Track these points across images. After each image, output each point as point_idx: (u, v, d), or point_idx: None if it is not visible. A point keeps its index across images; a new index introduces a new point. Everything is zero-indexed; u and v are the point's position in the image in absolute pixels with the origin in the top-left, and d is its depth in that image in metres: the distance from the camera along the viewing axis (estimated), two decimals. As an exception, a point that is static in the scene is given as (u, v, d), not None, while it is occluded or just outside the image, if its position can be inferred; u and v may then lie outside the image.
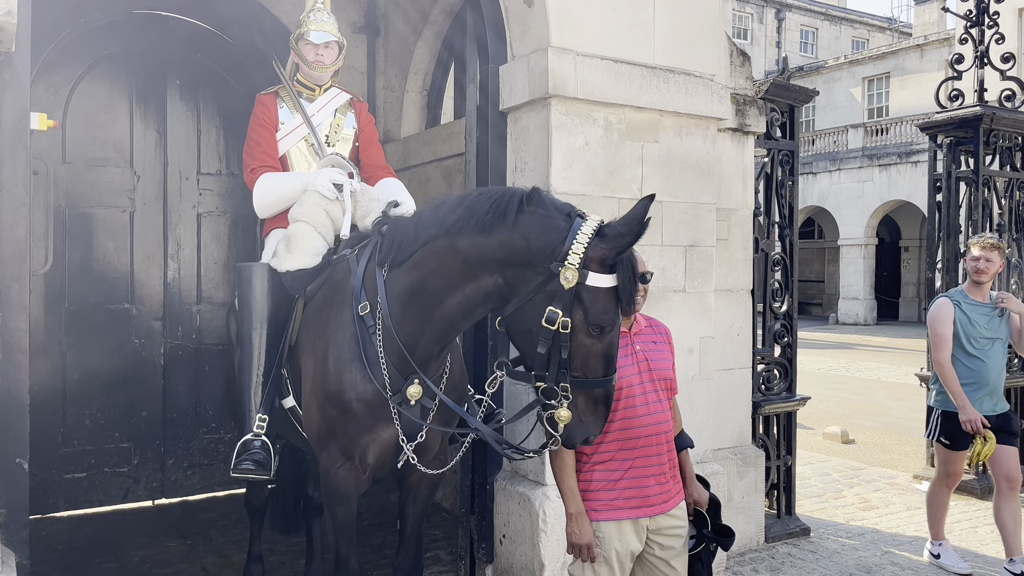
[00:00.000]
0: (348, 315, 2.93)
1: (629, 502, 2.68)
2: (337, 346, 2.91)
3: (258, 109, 3.66)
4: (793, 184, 5.28)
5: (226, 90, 6.13)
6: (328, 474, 2.95)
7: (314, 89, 3.77)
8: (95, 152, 5.69)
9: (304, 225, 3.24)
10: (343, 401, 2.87)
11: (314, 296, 3.21)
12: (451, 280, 2.67)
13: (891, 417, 10.04)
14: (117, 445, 5.80)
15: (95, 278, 5.68)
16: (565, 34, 4.01)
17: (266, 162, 3.56)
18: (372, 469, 2.94)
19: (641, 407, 2.71)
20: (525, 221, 2.51)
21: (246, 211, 6.21)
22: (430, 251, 2.72)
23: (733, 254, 4.93)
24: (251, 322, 3.21)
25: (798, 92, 5.25)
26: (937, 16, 32.81)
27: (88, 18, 5.62)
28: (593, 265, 2.40)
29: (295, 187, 3.42)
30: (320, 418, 2.95)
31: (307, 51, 3.69)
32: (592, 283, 2.39)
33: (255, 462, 3.11)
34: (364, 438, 2.89)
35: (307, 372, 3.05)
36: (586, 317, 2.40)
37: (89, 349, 5.63)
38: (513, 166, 4.28)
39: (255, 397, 3.20)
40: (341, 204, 3.34)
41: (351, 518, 2.98)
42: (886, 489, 6.51)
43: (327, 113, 3.74)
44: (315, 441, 3.04)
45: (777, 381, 5.29)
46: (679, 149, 4.41)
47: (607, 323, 2.42)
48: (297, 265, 3.19)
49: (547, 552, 3.95)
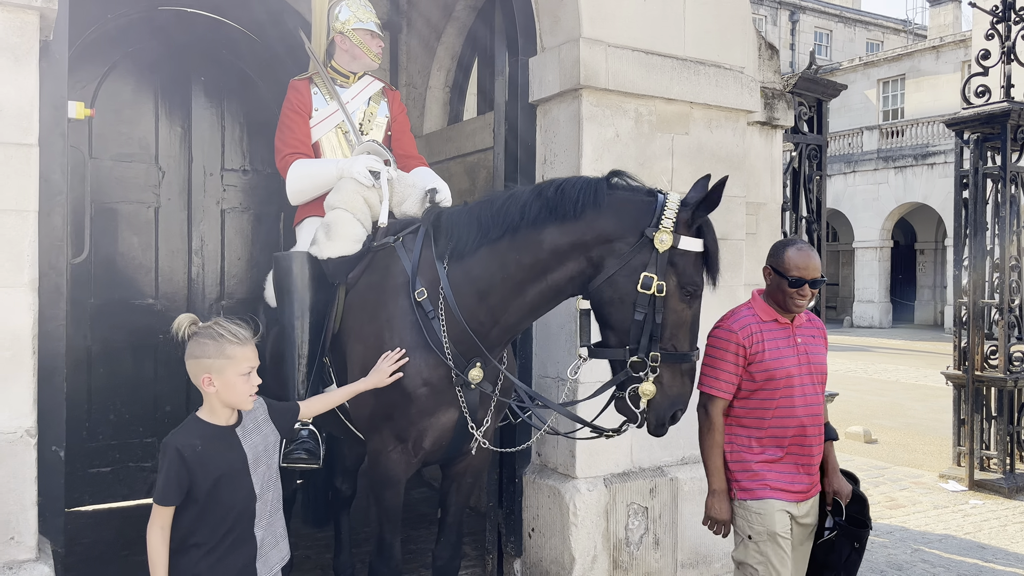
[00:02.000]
0: (404, 302, 2.93)
1: (788, 485, 2.82)
2: (396, 332, 2.91)
3: (292, 94, 3.64)
4: (821, 178, 5.24)
5: (250, 87, 6.14)
6: (379, 457, 2.95)
7: (348, 76, 3.75)
8: (121, 148, 5.70)
9: (343, 212, 3.22)
10: (405, 386, 2.86)
11: (356, 283, 3.20)
12: (535, 270, 2.74)
13: (913, 418, 9.96)
14: (141, 440, 5.81)
15: (120, 273, 5.70)
16: (596, 25, 4.00)
17: (298, 148, 3.54)
18: (425, 453, 2.94)
19: (799, 397, 2.84)
20: (612, 201, 2.69)
21: (269, 207, 6.24)
22: (510, 244, 2.77)
23: (762, 248, 4.88)
24: (293, 311, 3.19)
25: (826, 86, 5.22)
26: (952, 18, 32.66)
27: (115, 14, 5.64)
28: (682, 229, 2.58)
29: (330, 174, 3.40)
30: (375, 402, 2.94)
31: (368, 40, 3.68)
32: (684, 247, 2.57)
33: (306, 451, 3.11)
34: (423, 422, 2.89)
35: (355, 358, 3.03)
36: (679, 281, 2.57)
37: (114, 344, 5.65)
38: (542, 158, 4.27)
39: (300, 386, 3.19)
40: (378, 191, 3.32)
41: (398, 503, 2.97)
42: (912, 488, 6.45)
43: (361, 101, 3.72)
44: (365, 425, 3.04)
45: (804, 377, 5.24)
46: (709, 141, 4.38)
47: (698, 287, 2.59)
48: (339, 252, 3.18)
49: (578, 545, 3.92)
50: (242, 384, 2.33)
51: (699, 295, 2.62)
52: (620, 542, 4.06)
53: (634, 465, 4.17)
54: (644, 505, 4.14)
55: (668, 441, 4.26)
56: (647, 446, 4.20)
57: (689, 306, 2.60)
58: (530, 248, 2.73)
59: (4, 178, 2.73)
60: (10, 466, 2.76)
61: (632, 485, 4.10)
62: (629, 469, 4.15)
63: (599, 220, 2.64)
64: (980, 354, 6.40)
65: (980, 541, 5.10)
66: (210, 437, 2.35)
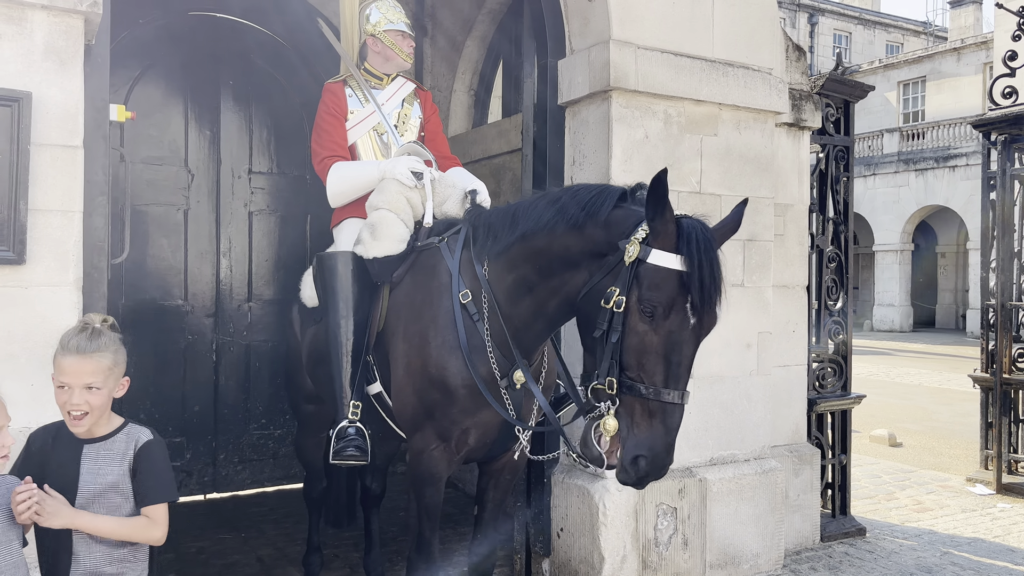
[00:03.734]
0: (448, 303, 2.95)
1: None
2: (440, 332, 2.94)
3: (327, 97, 3.67)
4: (848, 180, 5.23)
5: (277, 90, 6.21)
6: (421, 455, 2.98)
7: (382, 78, 3.79)
8: (151, 151, 5.78)
9: (387, 212, 3.26)
10: (448, 385, 2.90)
11: (400, 282, 3.24)
12: (550, 279, 2.70)
13: (937, 421, 9.88)
14: (171, 439, 5.85)
15: (150, 274, 5.77)
16: (626, 27, 4.02)
17: (336, 151, 3.58)
18: (468, 451, 2.97)
19: None
20: (615, 216, 2.53)
21: (295, 209, 6.31)
22: (528, 249, 2.75)
23: (789, 250, 4.89)
24: (338, 310, 3.23)
25: (854, 87, 5.21)
26: (973, 19, 32.39)
27: (146, 19, 5.72)
28: (658, 242, 2.33)
29: (372, 175, 3.44)
30: (417, 401, 2.98)
31: (400, 41, 3.71)
32: (654, 260, 2.31)
33: (357, 448, 3.15)
34: (465, 421, 2.92)
35: (399, 356, 3.08)
36: (640, 295, 2.31)
37: (144, 344, 5.71)
38: (571, 160, 4.29)
39: (346, 384, 3.23)
40: (420, 192, 3.36)
41: (438, 500, 3.01)
42: (939, 492, 6.40)
43: (395, 103, 3.75)
44: (407, 423, 3.08)
45: (832, 379, 5.23)
46: (737, 143, 4.39)
47: (662, 307, 2.28)
48: (384, 252, 3.21)
49: (607, 545, 3.94)
50: (58, 395, 2.18)
51: (668, 318, 2.29)
52: (649, 542, 4.07)
53: (663, 465, 4.17)
54: (673, 505, 4.15)
55: (697, 441, 4.28)
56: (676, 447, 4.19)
57: (653, 329, 2.29)
58: (546, 254, 2.70)
59: (51, 179, 2.79)
60: (55, 461, 2.80)
61: (661, 486, 4.11)
62: (658, 469, 4.15)
63: (596, 231, 2.52)
64: (1008, 357, 6.36)
65: (1009, 544, 5.07)
66: (63, 440, 2.24)
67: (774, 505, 4.47)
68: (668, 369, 2.31)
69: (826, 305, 5.18)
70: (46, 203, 2.78)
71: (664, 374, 2.31)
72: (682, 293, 2.29)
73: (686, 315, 2.30)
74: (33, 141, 2.73)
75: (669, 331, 2.30)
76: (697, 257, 2.30)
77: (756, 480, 4.40)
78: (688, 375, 2.39)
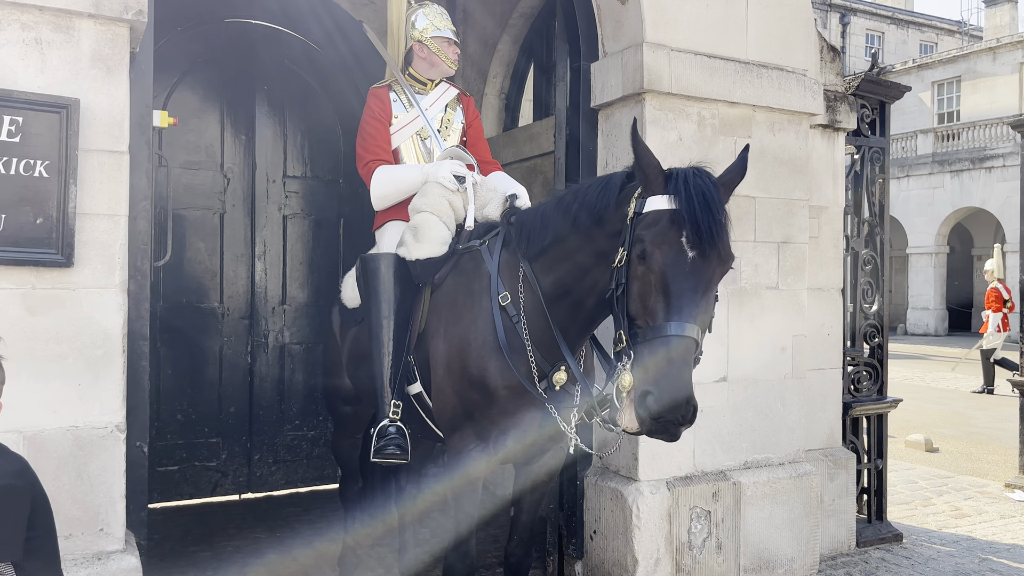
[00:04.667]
0: (488, 304, 2.99)
1: None
2: (480, 333, 2.97)
3: (372, 102, 3.72)
4: (884, 181, 5.18)
5: (311, 96, 6.29)
6: (459, 455, 3.01)
7: (426, 84, 3.83)
8: (188, 156, 5.88)
9: (430, 215, 3.30)
10: (488, 386, 2.92)
11: (442, 284, 3.27)
12: (585, 277, 2.71)
13: (974, 427, 9.72)
14: (207, 440, 5.96)
15: (187, 277, 5.87)
16: (659, 30, 4.02)
17: (379, 155, 3.62)
18: (506, 452, 2.98)
19: None
20: (622, 197, 2.56)
21: (329, 213, 6.38)
22: (559, 252, 2.78)
23: (824, 252, 4.86)
24: (380, 311, 3.28)
25: (889, 87, 5.16)
26: (1009, 18, 31.82)
27: (184, 26, 5.83)
28: (648, 190, 2.38)
29: (415, 179, 3.48)
30: (457, 401, 3.01)
31: (446, 48, 3.76)
32: (648, 207, 2.36)
33: (398, 447, 3.19)
34: (505, 422, 2.95)
35: (439, 357, 3.11)
36: (636, 242, 2.35)
37: (181, 346, 5.82)
38: (604, 163, 4.30)
39: (388, 383, 3.27)
40: (462, 195, 3.39)
41: (476, 500, 3.03)
42: (977, 497, 6.30)
43: (439, 108, 3.79)
44: (447, 423, 3.11)
45: (867, 382, 5.18)
46: (772, 145, 4.37)
47: (654, 245, 2.28)
48: (427, 254, 3.25)
49: (641, 548, 3.93)
50: None
51: (662, 254, 2.28)
52: (683, 545, 4.06)
53: (696, 469, 4.16)
54: (707, 509, 4.13)
55: (731, 444, 4.27)
56: (709, 450, 4.19)
57: (649, 268, 2.29)
58: (576, 255, 2.72)
59: (98, 184, 2.85)
60: (101, 460, 2.88)
61: (695, 489, 4.10)
62: (692, 473, 4.15)
63: (612, 220, 2.54)
64: (1049, 361, 6.24)
65: (1047, 549, 4.99)
66: None
67: (809, 509, 4.43)
68: (668, 304, 2.28)
69: (861, 308, 5.13)
70: (93, 207, 2.85)
71: (665, 309, 2.28)
72: (674, 228, 2.29)
73: (682, 248, 2.29)
74: (81, 147, 2.80)
75: (664, 267, 2.29)
76: (685, 191, 2.30)
77: (791, 484, 4.37)
78: (697, 310, 2.29)
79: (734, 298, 4.23)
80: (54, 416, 2.81)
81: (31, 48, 2.79)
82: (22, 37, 2.78)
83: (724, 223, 2.34)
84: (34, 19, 2.79)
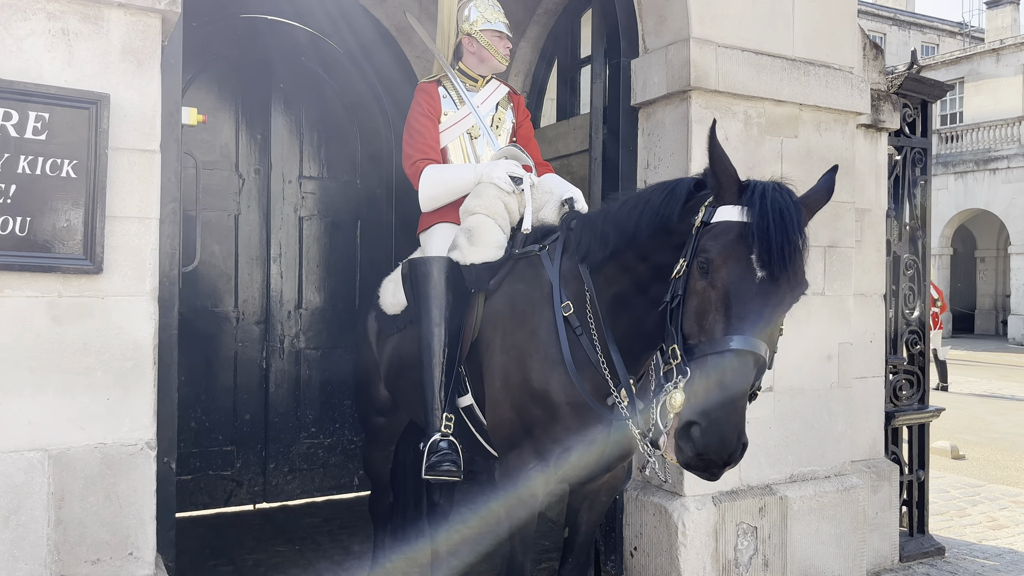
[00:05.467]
0: (549, 314, 2.80)
1: None
2: (542, 344, 2.78)
3: (421, 97, 3.52)
4: (926, 183, 5.02)
5: (328, 94, 6.11)
6: (518, 474, 2.81)
7: (476, 80, 3.63)
8: (204, 155, 5.68)
9: (484, 218, 3.10)
10: (552, 402, 2.74)
11: (497, 290, 3.08)
12: (647, 291, 2.51)
13: (996, 432, 9.57)
14: (221, 448, 5.78)
15: (202, 281, 5.68)
16: (706, 25, 3.86)
17: (428, 154, 3.42)
18: (566, 471, 2.80)
19: None
20: (690, 206, 2.36)
21: (346, 215, 6.20)
22: (623, 258, 2.60)
23: (866, 256, 4.69)
24: (431, 317, 3.07)
25: (932, 86, 5.00)
26: (1011, 20, 31.79)
27: (199, 22, 5.63)
28: (720, 200, 2.19)
29: (468, 179, 3.28)
30: (516, 416, 2.82)
31: (496, 42, 3.55)
32: (718, 217, 2.17)
33: (452, 463, 2.99)
34: (568, 440, 2.76)
35: (495, 369, 2.92)
36: (699, 253, 2.16)
37: (195, 351, 5.62)
38: (645, 163, 4.13)
39: (439, 395, 3.07)
40: (518, 197, 3.20)
41: (533, 523, 2.85)
42: (1012, 507, 6.15)
43: (489, 106, 3.59)
44: (503, 440, 2.92)
45: (908, 390, 5.02)
46: (818, 145, 4.21)
47: (719, 257, 2.09)
48: (482, 258, 3.06)
49: (686, 566, 3.76)
50: None
51: (728, 268, 2.08)
52: (729, 563, 3.89)
53: (742, 483, 3.99)
54: (753, 525, 3.96)
55: (777, 457, 4.10)
56: (755, 464, 4.02)
57: (710, 283, 2.09)
58: (637, 268, 2.55)
59: (128, 185, 2.68)
60: (131, 479, 2.70)
61: (741, 504, 3.93)
62: (737, 487, 3.98)
63: (679, 229, 2.36)
64: (1085, 367, 6.09)
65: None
66: None
67: (856, 524, 4.27)
68: (729, 321, 2.06)
69: (903, 314, 4.96)
70: (123, 210, 2.67)
71: (724, 326, 2.07)
72: (743, 243, 2.08)
73: (750, 265, 2.07)
74: (111, 145, 2.62)
75: (727, 284, 2.09)
76: (760, 205, 2.09)
77: (837, 498, 4.21)
78: (760, 331, 2.07)
79: (780, 304, 4.06)
80: (81, 433, 2.63)
81: (57, 39, 2.60)
82: (48, 27, 2.60)
83: (800, 245, 2.12)
84: (61, 8, 2.61)
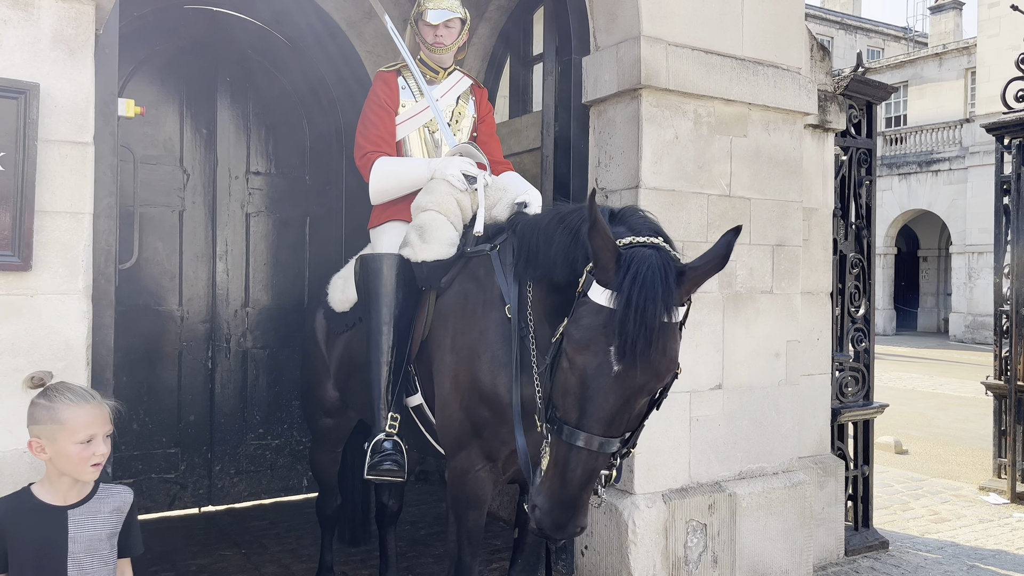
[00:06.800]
0: (499, 315, 2.75)
1: None
2: (489, 346, 2.74)
3: (379, 87, 3.42)
4: (871, 183, 5.10)
5: (276, 88, 5.98)
6: (465, 476, 2.77)
7: (437, 72, 3.56)
8: (145, 149, 5.52)
9: (437, 214, 3.04)
10: (500, 403, 2.69)
11: (448, 289, 3.02)
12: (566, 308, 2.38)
13: (938, 427, 9.83)
14: (164, 451, 5.62)
15: (144, 279, 5.52)
16: (656, 23, 3.86)
17: (380, 146, 3.34)
18: (515, 471, 2.76)
19: None
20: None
21: (294, 212, 6.08)
22: (545, 281, 2.52)
23: (814, 255, 4.75)
24: (381, 315, 3.00)
25: (877, 88, 5.08)
26: (953, 25, 32.70)
27: (140, 12, 5.47)
28: (598, 273, 2.07)
29: (420, 174, 3.21)
30: (465, 417, 2.77)
31: (426, 32, 3.48)
32: (591, 294, 2.08)
33: (394, 463, 2.92)
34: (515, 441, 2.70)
35: (445, 369, 2.86)
36: (569, 327, 2.10)
37: (137, 351, 5.46)
38: (596, 160, 4.12)
39: (385, 393, 3.00)
40: (471, 195, 3.14)
41: (481, 524, 2.81)
42: (953, 501, 6.30)
43: (450, 99, 3.52)
44: (452, 440, 2.87)
45: (853, 387, 5.10)
46: (767, 144, 4.24)
47: (581, 346, 2.02)
48: (434, 255, 2.99)
49: (637, 564, 3.76)
50: (77, 452, 2.12)
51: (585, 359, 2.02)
52: (679, 560, 3.90)
53: (692, 480, 4.01)
54: (703, 522, 3.98)
55: (727, 455, 4.13)
56: (705, 461, 4.04)
57: (571, 369, 2.05)
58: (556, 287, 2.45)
59: (59, 178, 2.56)
60: (62, 485, 2.58)
61: (691, 501, 3.95)
62: (687, 484, 4.00)
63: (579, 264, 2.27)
64: (1023, 364, 6.27)
65: (1038, 558, 4.97)
66: (36, 511, 2.15)
67: (803, 520, 4.32)
68: (582, 412, 2.04)
69: (849, 312, 5.05)
70: (54, 204, 2.56)
71: (577, 415, 2.05)
72: (604, 334, 2.00)
73: (607, 360, 2.00)
74: (41, 137, 2.50)
75: (586, 375, 2.03)
76: (628, 293, 1.98)
77: (785, 494, 4.25)
78: (612, 426, 2.05)
79: (729, 303, 4.09)
80: (10, 437, 2.51)
81: (-17, 26, 2.48)
82: (-28, 13, 2.47)
83: (668, 332, 2.02)
84: (-13, -7, 2.49)
